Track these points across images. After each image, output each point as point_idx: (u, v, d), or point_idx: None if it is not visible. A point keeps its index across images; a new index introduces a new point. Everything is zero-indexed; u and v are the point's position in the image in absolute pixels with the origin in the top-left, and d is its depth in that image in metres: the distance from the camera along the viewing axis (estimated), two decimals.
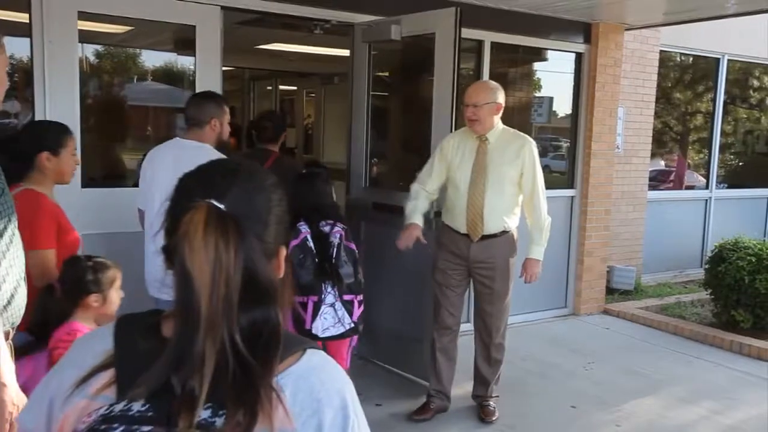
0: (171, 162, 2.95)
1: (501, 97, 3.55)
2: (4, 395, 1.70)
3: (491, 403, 3.78)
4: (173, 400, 0.83)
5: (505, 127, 3.67)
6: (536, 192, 3.58)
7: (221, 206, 0.87)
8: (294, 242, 3.25)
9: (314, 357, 0.94)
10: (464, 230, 3.57)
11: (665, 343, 5.29)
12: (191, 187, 0.93)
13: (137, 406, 0.84)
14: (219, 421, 0.83)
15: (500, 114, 3.59)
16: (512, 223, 3.62)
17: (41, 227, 2.37)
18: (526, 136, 3.66)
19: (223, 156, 2.96)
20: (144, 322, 0.94)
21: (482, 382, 3.80)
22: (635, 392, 4.26)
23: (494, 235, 3.56)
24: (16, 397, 1.73)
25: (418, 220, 3.57)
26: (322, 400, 0.91)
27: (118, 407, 0.84)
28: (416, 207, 3.61)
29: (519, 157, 3.53)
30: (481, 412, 3.76)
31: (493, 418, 3.72)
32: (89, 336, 1.01)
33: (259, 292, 0.87)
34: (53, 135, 2.55)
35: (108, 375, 0.88)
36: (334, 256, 3.21)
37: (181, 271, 0.84)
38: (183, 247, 0.84)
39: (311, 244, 3.19)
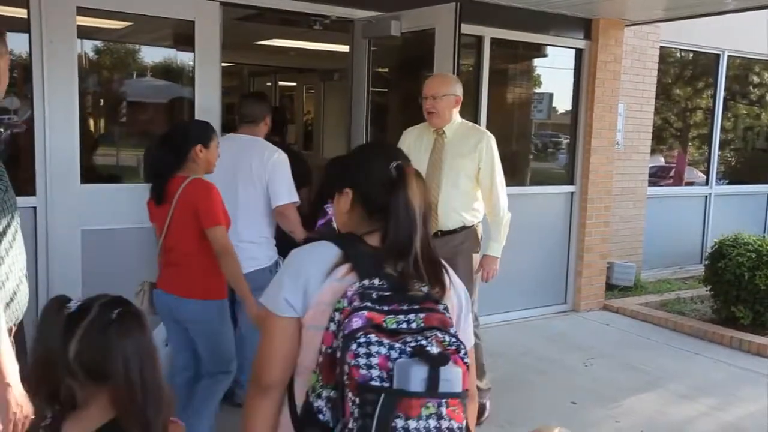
0: (229, 155, 3.20)
1: (459, 90, 3.47)
2: (8, 395, 1.69)
3: (484, 400, 3.67)
4: (398, 277, 1.37)
5: (463, 121, 3.61)
6: (494, 187, 3.49)
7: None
8: (321, 221, 3.51)
9: None
10: None
11: (665, 339, 5.29)
12: (385, 155, 1.52)
13: (377, 282, 1.35)
14: (426, 289, 1.39)
15: (458, 107, 3.50)
16: (472, 219, 3.53)
17: (216, 207, 2.77)
18: (485, 130, 3.57)
19: (273, 146, 3.37)
20: (351, 238, 1.48)
21: None
22: (635, 388, 4.26)
23: (454, 231, 3.48)
24: (19, 397, 1.73)
25: None
26: (459, 285, 1.56)
27: (366, 283, 1.34)
28: None
29: (476, 151, 3.44)
30: None
31: (482, 418, 3.61)
32: (312, 248, 1.48)
33: (430, 213, 1.52)
34: (204, 130, 2.95)
35: (346, 267, 1.39)
36: None
37: (405, 202, 1.41)
38: (407, 188, 1.42)
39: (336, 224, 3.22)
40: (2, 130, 3.94)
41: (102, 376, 1.29)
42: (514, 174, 3.63)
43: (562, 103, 6.14)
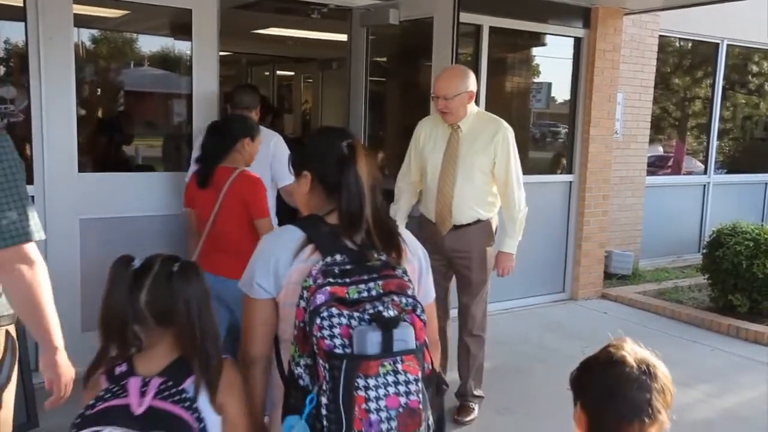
0: None
1: (472, 84, 3.32)
2: (57, 357, 1.79)
3: (471, 403, 3.61)
4: (357, 250, 1.54)
5: (479, 111, 3.50)
6: (510, 181, 3.38)
7: None
8: None
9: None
10: (434, 220, 3.45)
11: (662, 327, 5.31)
12: (336, 137, 1.67)
13: (338, 258, 1.51)
14: (384, 257, 1.56)
15: (473, 101, 3.37)
16: (486, 213, 3.45)
17: (264, 200, 3.04)
18: (502, 121, 3.43)
19: (270, 130, 3.68)
20: (313, 219, 1.63)
21: (461, 377, 3.64)
22: None
23: (467, 225, 3.41)
24: (66, 360, 1.83)
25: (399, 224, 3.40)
26: (417, 248, 1.73)
27: (329, 260, 1.50)
28: (397, 211, 3.49)
29: (492, 144, 3.33)
30: (456, 410, 3.57)
31: (466, 419, 3.53)
32: (280, 234, 1.67)
33: (380, 185, 1.65)
34: (252, 125, 3.19)
35: (310, 248, 1.55)
36: None
37: (355, 175, 1.58)
38: (356, 163, 1.58)
39: None
40: None
41: (168, 320, 1.50)
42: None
43: (561, 92, 6.13)
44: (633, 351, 1.51)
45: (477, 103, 5.15)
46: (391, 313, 1.43)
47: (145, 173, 4.22)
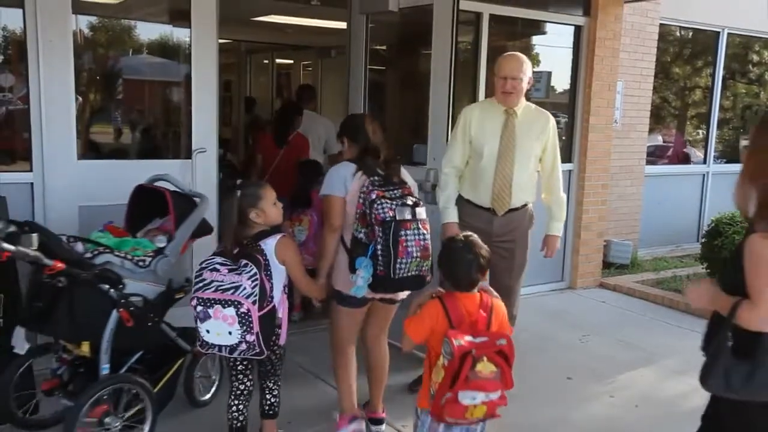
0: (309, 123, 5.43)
1: (531, 71, 3.58)
2: None
3: None
4: (384, 174, 2.91)
5: (527, 102, 3.66)
6: (556, 168, 3.68)
7: None
8: None
9: None
10: (488, 204, 3.55)
11: (660, 316, 5.33)
12: (358, 117, 3.33)
13: (376, 178, 2.85)
14: (398, 178, 2.98)
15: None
16: (532, 197, 3.69)
17: (308, 147, 5.28)
18: (548, 112, 3.67)
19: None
20: (355, 160, 2.92)
21: None
22: (630, 364, 4.30)
23: (516, 209, 3.59)
24: None
25: (453, 217, 3.55)
26: (410, 177, 3.07)
27: (372, 178, 2.84)
28: (449, 198, 3.57)
29: (544, 133, 3.58)
30: None
31: None
32: (343, 165, 2.93)
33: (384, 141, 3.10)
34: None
35: (360, 173, 2.87)
36: None
37: (367, 138, 2.99)
38: (368, 132, 3.01)
39: None
40: None
41: (244, 217, 2.78)
42: None
43: (561, 81, 6.11)
44: (464, 237, 2.55)
45: (476, 91, 5.17)
46: (411, 202, 2.76)
47: (144, 160, 4.21)
